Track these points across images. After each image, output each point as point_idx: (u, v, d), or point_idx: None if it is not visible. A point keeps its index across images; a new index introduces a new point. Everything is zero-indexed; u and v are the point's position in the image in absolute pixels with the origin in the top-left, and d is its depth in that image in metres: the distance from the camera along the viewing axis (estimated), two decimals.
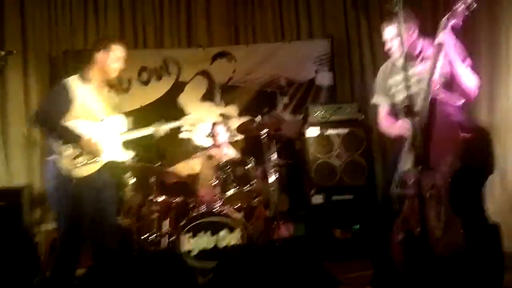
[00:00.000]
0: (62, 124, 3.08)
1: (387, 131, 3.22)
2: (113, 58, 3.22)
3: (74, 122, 3.12)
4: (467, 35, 2.96)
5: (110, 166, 3.26)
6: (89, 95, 3.19)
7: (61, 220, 3.13)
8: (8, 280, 3.86)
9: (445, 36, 2.68)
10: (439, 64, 2.71)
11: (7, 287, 3.91)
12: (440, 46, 2.68)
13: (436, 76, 2.72)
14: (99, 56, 3.21)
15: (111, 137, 3.26)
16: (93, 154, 3.13)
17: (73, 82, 3.16)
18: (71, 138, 3.08)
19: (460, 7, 2.63)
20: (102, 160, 3.18)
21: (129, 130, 3.40)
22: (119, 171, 3.57)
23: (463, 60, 2.84)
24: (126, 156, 3.36)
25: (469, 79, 2.83)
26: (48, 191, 3.16)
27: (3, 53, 2.95)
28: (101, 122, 3.24)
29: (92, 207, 3.15)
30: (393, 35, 2.96)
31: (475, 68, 2.93)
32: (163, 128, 3.51)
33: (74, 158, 3.07)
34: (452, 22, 2.66)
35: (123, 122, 3.39)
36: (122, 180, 4.26)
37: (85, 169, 3.10)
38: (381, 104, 3.23)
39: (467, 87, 2.82)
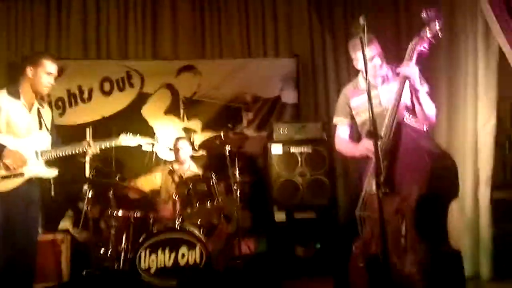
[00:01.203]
0: None
1: (343, 152, 3.27)
2: (44, 73, 3.20)
3: None
4: (428, 67, 3.04)
5: (35, 182, 3.22)
6: (16, 111, 3.15)
7: None
8: None
9: (412, 65, 2.74)
10: (403, 92, 2.77)
11: None
12: (405, 77, 2.75)
13: (401, 102, 2.78)
14: (30, 71, 3.18)
15: (34, 153, 3.19)
16: (16, 166, 3.07)
17: (1, 96, 3.12)
18: None
19: (427, 34, 2.70)
20: (25, 174, 3.13)
21: (54, 147, 3.31)
22: (44, 186, 3.45)
23: (422, 86, 2.91)
24: (50, 172, 3.29)
25: (429, 107, 2.90)
26: None
27: None
28: (26, 138, 3.18)
29: (17, 221, 3.09)
30: (358, 57, 3.01)
31: (434, 95, 3.01)
32: (92, 149, 3.38)
33: None
34: (419, 49, 2.73)
35: (48, 139, 3.32)
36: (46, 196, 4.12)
37: (6, 183, 3.06)
38: (340, 125, 3.27)
39: (427, 114, 2.89)
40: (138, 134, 3.70)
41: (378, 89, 3.05)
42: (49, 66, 3.21)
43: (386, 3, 5.27)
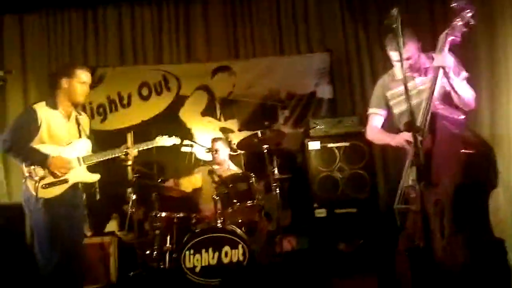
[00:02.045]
0: (28, 146, 3.16)
1: (375, 140, 3.26)
2: (78, 83, 3.30)
3: (39, 146, 3.19)
4: (467, 52, 2.98)
5: (79, 186, 3.34)
6: (56, 121, 3.27)
7: (38, 244, 3.17)
8: None
9: (444, 57, 2.70)
10: (438, 82, 2.74)
11: None
12: (438, 67, 2.72)
13: (436, 92, 2.74)
14: (64, 82, 3.29)
15: (77, 159, 3.30)
16: (61, 172, 3.18)
17: (40, 108, 3.23)
18: (38, 158, 3.15)
19: (458, 23, 2.65)
20: (70, 180, 3.24)
21: (94, 153, 3.41)
22: (89, 191, 3.54)
23: (459, 73, 2.86)
24: (93, 177, 3.40)
25: (465, 91, 2.84)
26: (25, 212, 3.25)
27: (2, 72, 3.00)
28: (67, 146, 3.29)
29: (64, 227, 3.17)
30: (394, 50, 2.98)
31: (475, 83, 2.94)
32: (133, 150, 3.49)
33: (41, 179, 3.12)
34: (450, 38, 2.69)
35: (88, 146, 3.43)
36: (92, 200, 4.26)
37: (52, 190, 3.17)
38: (373, 115, 3.25)
39: (465, 99, 2.84)
40: (174, 135, 3.82)
41: (415, 80, 3.01)
42: (83, 76, 3.33)
43: None
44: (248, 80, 5.49)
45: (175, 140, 3.85)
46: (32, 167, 3.13)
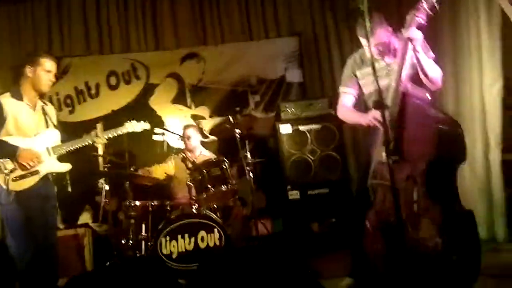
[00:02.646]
0: None
1: (346, 119, 3.32)
2: (43, 71, 3.25)
3: (7, 138, 3.14)
4: (432, 35, 3.05)
5: (50, 177, 3.31)
6: (22, 111, 3.22)
7: (11, 235, 3.13)
8: None
9: (412, 31, 2.76)
10: (407, 57, 2.80)
11: None
12: (408, 39, 2.77)
13: (405, 69, 2.81)
14: (28, 71, 3.24)
15: (46, 150, 3.27)
16: (32, 164, 3.14)
17: (4, 100, 3.18)
18: (6, 151, 3.11)
19: (423, 5, 2.72)
20: (40, 171, 3.20)
21: (63, 143, 3.38)
22: (61, 183, 3.53)
23: (427, 53, 2.94)
24: (64, 167, 3.37)
25: (433, 70, 2.92)
26: None
27: None
28: (35, 137, 3.25)
29: (37, 218, 3.16)
30: (363, 36, 3.02)
31: (440, 65, 3.02)
32: (100, 139, 3.50)
33: (10, 173, 3.08)
34: (418, 18, 2.75)
35: (57, 135, 3.39)
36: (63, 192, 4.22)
37: (23, 182, 3.13)
38: (344, 94, 3.30)
39: (433, 77, 2.92)
40: (142, 120, 3.79)
41: (385, 60, 3.07)
42: (47, 64, 3.27)
43: None
44: (218, 67, 5.48)
45: (145, 125, 3.82)
46: (1, 160, 3.08)
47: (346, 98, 3.30)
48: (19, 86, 3.26)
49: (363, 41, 3.03)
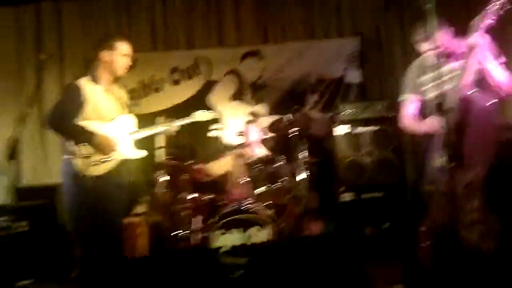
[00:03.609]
0: (74, 124, 3.08)
1: (409, 127, 3.23)
2: (119, 56, 3.21)
3: (86, 122, 3.12)
4: (501, 35, 2.93)
5: (125, 164, 3.27)
6: (99, 96, 3.19)
7: (77, 220, 3.13)
8: (44, 275, 4.02)
9: (477, 37, 2.67)
10: (471, 64, 2.72)
11: (44, 282, 4.07)
12: (472, 47, 2.69)
13: (468, 75, 2.72)
14: (105, 55, 3.20)
15: (122, 136, 3.27)
16: (108, 150, 3.14)
17: (84, 83, 3.15)
18: (85, 136, 3.08)
19: (492, 8, 2.62)
20: (117, 158, 3.20)
21: (139, 129, 3.39)
22: (150, 164, 3.57)
23: (497, 57, 2.83)
24: (139, 154, 3.36)
25: (501, 75, 2.81)
26: (64, 191, 3.16)
27: (44, 56, 3.04)
28: (112, 122, 3.25)
29: (110, 204, 3.15)
30: (426, 34, 2.95)
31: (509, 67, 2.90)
32: (174, 125, 3.54)
33: (88, 157, 3.07)
34: (485, 22, 2.65)
35: (133, 121, 3.40)
36: (137, 179, 4.31)
37: (100, 167, 3.12)
38: (407, 102, 3.23)
39: (500, 83, 2.81)
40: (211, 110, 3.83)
41: (449, 65, 2.98)
42: (123, 48, 3.24)
43: None
44: (278, 65, 5.52)
45: (213, 115, 3.85)
46: (80, 144, 3.07)
47: (409, 106, 3.23)
48: (95, 70, 3.23)
49: (423, 45, 2.96)
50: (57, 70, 5.39)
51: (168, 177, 4.38)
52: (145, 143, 3.51)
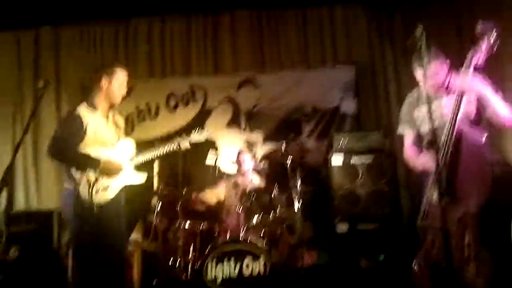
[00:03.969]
0: (78, 151, 3.12)
1: (412, 162, 3.23)
2: (117, 83, 3.27)
3: (89, 150, 3.15)
4: (494, 73, 2.98)
5: (126, 191, 3.30)
6: (98, 122, 3.24)
7: (79, 248, 3.14)
8: None
9: (466, 78, 2.72)
10: (464, 100, 2.75)
11: None
12: (461, 91, 2.73)
13: (462, 108, 2.75)
14: (103, 82, 3.25)
15: (125, 161, 3.30)
16: (114, 174, 3.17)
17: (83, 111, 3.19)
18: (90, 163, 3.11)
19: (482, 46, 2.67)
20: (119, 184, 3.23)
21: (140, 152, 3.42)
22: (143, 190, 3.58)
23: (496, 92, 2.87)
24: (141, 179, 3.39)
25: (502, 108, 2.84)
26: (69, 219, 3.17)
27: (42, 83, 3.04)
28: (113, 148, 3.28)
29: (111, 234, 3.15)
30: (417, 64, 2.99)
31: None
32: (185, 142, 3.57)
33: (94, 184, 3.09)
34: (476, 61, 2.71)
35: (133, 145, 3.43)
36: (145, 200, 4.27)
37: (105, 194, 3.14)
38: (407, 135, 3.25)
39: (503, 115, 2.83)
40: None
41: (442, 99, 3.01)
42: (122, 76, 3.31)
43: (447, 10, 5.14)
44: (274, 93, 5.55)
45: (207, 134, 3.86)
46: (84, 172, 3.09)
47: (410, 139, 3.24)
48: (94, 97, 3.28)
49: (418, 74, 2.98)
50: (54, 96, 5.40)
51: (162, 204, 4.35)
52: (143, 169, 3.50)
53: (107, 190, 3.16)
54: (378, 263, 4.45)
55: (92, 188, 3.09)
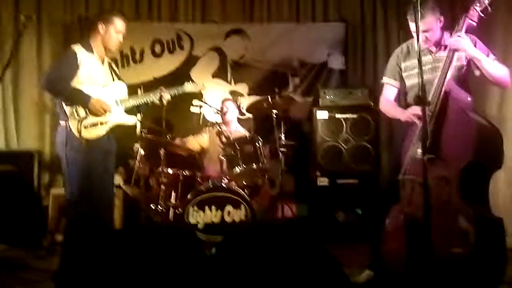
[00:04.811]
0: (71, 86, 3.21)
1: (387, 113, 3.27)
2: (114, 31, 3.35)
3: (79, 86, 3.24)
4: (482, 36, 2.99)
5: (117, 130, 3.41)
6: (93, 63, 3.33)
7: (71, 183, 3.22)
8: (18, 241, 3.98)
9: (458, 37, 2.74)
10: (455, 57, 2.77)
11: (17, 248, 4.02)
12: (454, 49, 2.74)
13: (451, 68, 2.77)
14: (100, 28, 3.34)
15: (115, 102, 3.39)
16: (102, 113, 3.26)
17: (78, 50, 3.28)
18: (80, 98, 3.21)
19: (476, 8, 2.68)
20: (110, 122, 3.32)
21: (131, 96, 3.52)
22: (125, 135, 3.68)
23: (488, 54, 2.88)
24: (131, 120, 3.49)
25: (498, 69, 2.86)
26: (60, 155, 3.27)
27: (23, 17, 3.03)
28: (104, 88, 3.36)
29: (100, 171, 3.29)
30: (413, 21, 2.96)
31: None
32: (166, 95, 3.57)
33: (83, 120, 3.19)
34: (468, 22, 2.71)
35: (125, 88, 3.53)
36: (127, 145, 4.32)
37: (94, 130, 3.25)
38: (388, 86, 3.27)
39: (499, 76, 2.86)
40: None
41: (433, 55, 3.02)
42: (119, 24, 3.37)
43: None
44: (261, 45, 5.47)
45: (201, 88, 3.99)
46: (74, 107, 3.20)
47: (389, 90, 3.27)
48: (90, 40, 3.37)
49: (412, 26, 2.96)
50: (35, 35, 5.21)
51: (144, 150, 4.34)
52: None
53: (96, 126, 3.26)
54: (355, 217, 4.57)
55: (80, 123, 3.17)
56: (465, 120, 2.68)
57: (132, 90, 4.66)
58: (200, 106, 4.85)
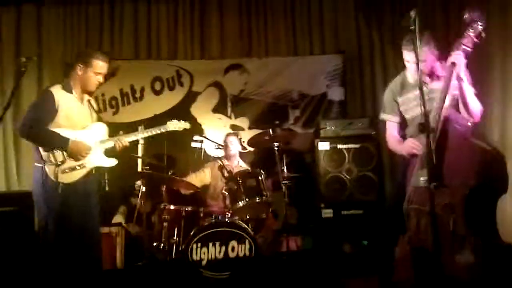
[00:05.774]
0: (47, 129, 3.14)
1: (394, 148, 3.24)
2: (92, 73, 3.29)
3: (58, 130, 3.18)
4: (481, 62, 3.00)
5: (96, 173, 3.35)
6: (71, 104, 3.26)
7: (46, 227, 3.13)
8: (20, 282, 3.89)
9: (458, 56, 2.73)
10: (452, 84, 2.76)
11: None
12: (453, 65, 2.73)
13: (449, 95, 2.76)
14: (79, 69, 3.28)
15: (94, 144, 3.32)
16: (81, 156, 3.19)
17: (56, 91, 3.22)
18: (58, 142, 3.14)
19: (470, 34, 2.69)
20: (88, 165, 3.25)
21: (111, 137, 3.44)
22: (99, 181, 3.62)
23: (472, 85, 2.88)
24: (110, 162, 3.40)
25: (474, 102, 2.85)
26: (35, 197, 3.19)
27: (24, 59, 3.02)
28: (84, 130, 3.30)
29: (79, 213, 3.20)
30: (410, 51, 2.98)
31: (488, 94, 2.95)
32: (145, 133, 3.57)
33: (60, 164, 3.12)
34: (464, 45, 2.72)
35: (105, 129, 3.45)
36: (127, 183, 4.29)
37: (72, 174, 3.17)
38: (390, 122, 3.25)
39: (472, 110, 2.84)
40: (183, 121, 3.83)
41: (428, 85, 3.01)
42: (98, 66, 3.30)
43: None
44: (260, 79, 5.52)
45: (186, 125, 3.85)
46: (52, 151, 3.12)
47: (391, 126, 3.23)
48: (70, 80, 3.31)
49: (408, 56, 2.96)
50: (36, 74, 5.27)
51: (146, 187, 4.30)
52: (125, 151, 3.48)
53: (74, 170, 3.18)
54: (361, 248, 4.49)
55: (58, 168, 3.11)
56: (466, 146, 2.65)
57: (134, 127, 4.70)
58: (201, 141, 4.84)
